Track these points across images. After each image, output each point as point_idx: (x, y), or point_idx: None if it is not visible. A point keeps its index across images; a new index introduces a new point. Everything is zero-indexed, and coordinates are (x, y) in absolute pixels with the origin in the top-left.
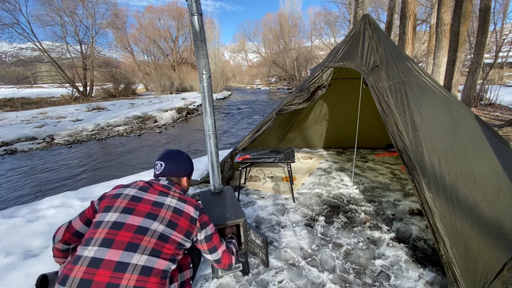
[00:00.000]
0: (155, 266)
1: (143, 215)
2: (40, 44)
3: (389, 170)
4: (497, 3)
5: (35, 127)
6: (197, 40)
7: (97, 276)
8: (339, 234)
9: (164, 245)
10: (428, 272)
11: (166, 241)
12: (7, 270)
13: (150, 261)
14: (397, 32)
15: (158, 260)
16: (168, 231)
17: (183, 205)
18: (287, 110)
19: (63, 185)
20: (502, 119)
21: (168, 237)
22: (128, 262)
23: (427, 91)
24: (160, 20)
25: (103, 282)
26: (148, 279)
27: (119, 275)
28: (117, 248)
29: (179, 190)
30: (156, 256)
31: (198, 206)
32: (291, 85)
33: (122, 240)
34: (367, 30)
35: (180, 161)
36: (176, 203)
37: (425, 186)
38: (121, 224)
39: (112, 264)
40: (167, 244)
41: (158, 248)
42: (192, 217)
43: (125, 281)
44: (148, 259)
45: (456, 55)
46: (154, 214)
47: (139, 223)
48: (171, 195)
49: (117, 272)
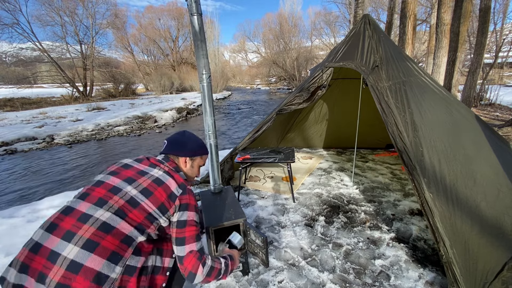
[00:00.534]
0: (117, 227)
1: (123, 178)
2: (40, 44)
3: (389, 170)
4: (497, 3)
5: (35, 127)
6: (197, 40)
7: (62, 223)
8: (339, 234)
9: (131, 209)
10: (428, 272)
11: (134, 207)
12: None
13: (112, 220)
14: (397, 32)
15: (121, 222)
16: (139, 197)
17: (167, 177)
18: (287, 110)
19: (65, 184)
20: (502, 119)
21: (138, 203)
22: (91, 215)
23: (427, 91)
24: (160, 20)
25: (65, 228)
26: (105, 236)
27: (80, 225)
28: (88, 201)
29: (172, 167)
30: (120, 217)
31: (184, 185)
32: (291, 85)
33: (95, 195)
34: (367, 30)
35: (182, 141)
36: (160, 174)
37: (425, 186)
38: (101, 183)
39: (78, 214)
40: (135, 210)
41: (124, 210)
42: (173, 192)
43: (82, 232)
44: (111, 217)
45: (456, 55)
46: (132, 179)
47: (115, 183)
48: (160, 167)
49: (79, 222)
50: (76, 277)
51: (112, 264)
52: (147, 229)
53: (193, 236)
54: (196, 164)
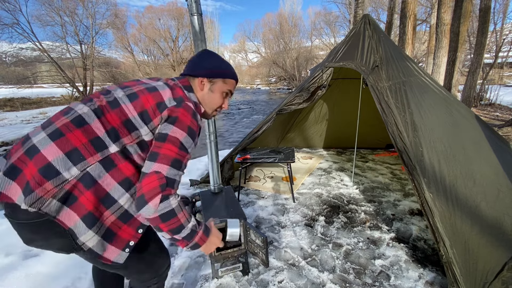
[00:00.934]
0: (90, 124)
1: (121, 86)
2: (40, 44)
3: (389, 170)
4: (497, 3)
5: (35, 127)
6: (197, 40)
7: (53, 117)
8: (339, 234)
9: (109, 110)
10: (428, 272)
11: (112, 108)
12: (7, 270)
13: (87, 115)
14: (397, 32)
15: (96, 120)
16: (122, 100)
17: (165, 88)
18: (287, 110)
19: None
20: (502, 119)
21: (119, 105)
22: (73, 108)
23: (427, 91)
24: (160, 20)
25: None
26: (74, 130)
27: (60, 117)
28: (82, 100)
29: (182, 85)
30: (96, 115)
31: (182, 99)
32: (291, 85)
33: (90, 96)
34: (367, 30)
35: (200, 58)
36: (159, 84)
37: (425, 186)
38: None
39: (66, 109)
40: (113, 112)
41: (103, 109)
42: (163, 102)
43: (57, 122)
44: (88, 112)
45: (456, 55)
46: (128, 86)
47: (111, 89)
48: (165, 81)
49: (62, 115)
50: (29, 162)
51: (69, 161)
52: (123, 137)
53: (169, 157)
54: (217, 89)
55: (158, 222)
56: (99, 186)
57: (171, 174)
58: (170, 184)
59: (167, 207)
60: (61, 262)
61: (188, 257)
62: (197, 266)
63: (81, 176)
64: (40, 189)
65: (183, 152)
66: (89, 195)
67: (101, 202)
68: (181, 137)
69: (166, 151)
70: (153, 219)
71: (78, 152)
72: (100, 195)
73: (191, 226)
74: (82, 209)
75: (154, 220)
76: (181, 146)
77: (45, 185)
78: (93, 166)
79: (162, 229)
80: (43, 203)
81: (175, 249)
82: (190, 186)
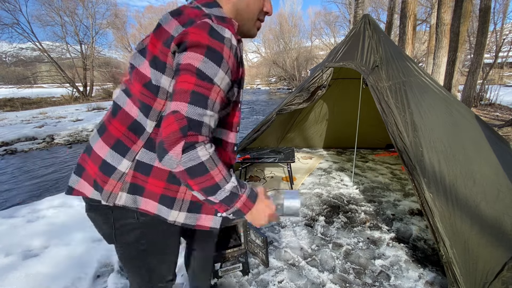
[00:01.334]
0: (123, 108)
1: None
2: (40, 44)
3: (389, 170)
4: (497, 3)
5: (35, 127)
6: None
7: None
8: (339, 234)
9: (132, 81)
10: (428, 272)
11: (132, 76)
12: (7, 270)
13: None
14: (397, 32)
15: (127, 100)
16: (136, 61)
17: (168, 18)
18: (287, 110)
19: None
20: (502, 119)
21: (134, 68)
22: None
23: (427, 91)
24: None
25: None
26: (112, 120)
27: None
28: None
29: (198, 3)
30: (126, 95)
31: (192, 21)
32: (291, 85)
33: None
34: (367, 30)
35: None
36: (163, 18)
37: (425, 186)
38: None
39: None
40: (133, 81)
41: (128, 85)
42: (170, 36)
43: (105, 116)
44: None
45: (456, 55)
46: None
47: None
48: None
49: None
50: (88, 159)
51: (117, 155)
52: (153, 105)
53: (186, 91)
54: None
55: (185, 178)
56: (157, 169)
57: (193, 113)
58: (194, 127)
59: (193, 160)
60: (61, 262)
61: None
62: None
63: (135, 165)
64: (107, 185)
65: (205, 82)
66: (153, 181)
67: (169, 182)
68: (196, 62)
69: (181, 85)
70: (179, 174)
71: (122, 143)
72: (162, 177)
73: (231, 188)
74: (154, 196)
75: (180, 175)
76: (199, 74)
77: (109, 181)
78: (140, 154)
79: (193, 188)
80: (115, 197)
81: None
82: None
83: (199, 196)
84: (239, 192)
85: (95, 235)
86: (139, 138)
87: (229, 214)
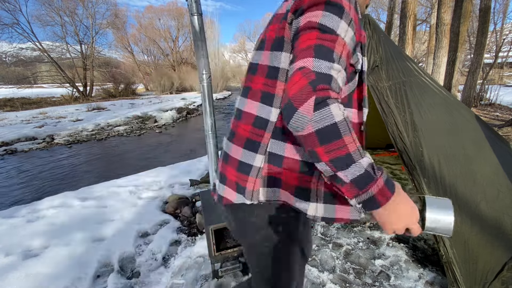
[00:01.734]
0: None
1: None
2: (40, 44)
3: (389, 170)
4: (497, 3)
5: (35, 127)
6: (197, 40)
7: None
8: (339, 234)
9: (252, 78)
10: (428, 272)
11: (253, 74)
12: (7, 270)
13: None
14: (397, 32)
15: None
16: (255, 58)
17: (280, 5)
18: None
19: (67, 183)
20: (502, 119)
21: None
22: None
23: (427, 91)
24: (160, 20)
25: None
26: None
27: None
28: None
29: None
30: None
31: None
32: None
33: None
34: (367, 30)
35: None
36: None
37: (425, 186)
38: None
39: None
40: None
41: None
42: (286, 11)
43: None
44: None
45: (456, 55)
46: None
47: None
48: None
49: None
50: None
51: (251, 152)
52: (274, 91)
53: (310, 46)
54: None
55: (314, 144)
56: (288, 159)
57: (321, 67)
58: (323, 80)
59: (326, 117)
60: (61, 262)
61: (188, 257)
62: (197, 266)
63: (268, 158)
64: (248, 184)
65: (328, 34)
66: (286, 172)
67: (302, 173)
68: (317, 18)
69: (303, 44)
70: (307, 137)
71: (251, 140)
72: (295, 167)
73: (366, 164)
74: (290, 187)
75: (309, 139)
76: (321, 28)
77: (249, 179)
78: (270, 144)
79: (321, 157)
80: (258, 193)
81: (174, 248)
82: (190, 186)
83: (325, 171)
84: (375, 174)
85: (95, 235)
86: (265, 131)
87: (359, 203)
